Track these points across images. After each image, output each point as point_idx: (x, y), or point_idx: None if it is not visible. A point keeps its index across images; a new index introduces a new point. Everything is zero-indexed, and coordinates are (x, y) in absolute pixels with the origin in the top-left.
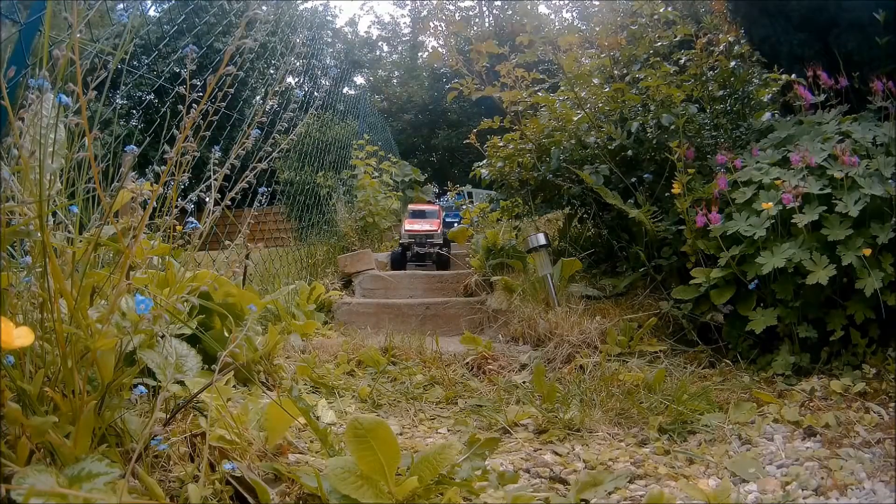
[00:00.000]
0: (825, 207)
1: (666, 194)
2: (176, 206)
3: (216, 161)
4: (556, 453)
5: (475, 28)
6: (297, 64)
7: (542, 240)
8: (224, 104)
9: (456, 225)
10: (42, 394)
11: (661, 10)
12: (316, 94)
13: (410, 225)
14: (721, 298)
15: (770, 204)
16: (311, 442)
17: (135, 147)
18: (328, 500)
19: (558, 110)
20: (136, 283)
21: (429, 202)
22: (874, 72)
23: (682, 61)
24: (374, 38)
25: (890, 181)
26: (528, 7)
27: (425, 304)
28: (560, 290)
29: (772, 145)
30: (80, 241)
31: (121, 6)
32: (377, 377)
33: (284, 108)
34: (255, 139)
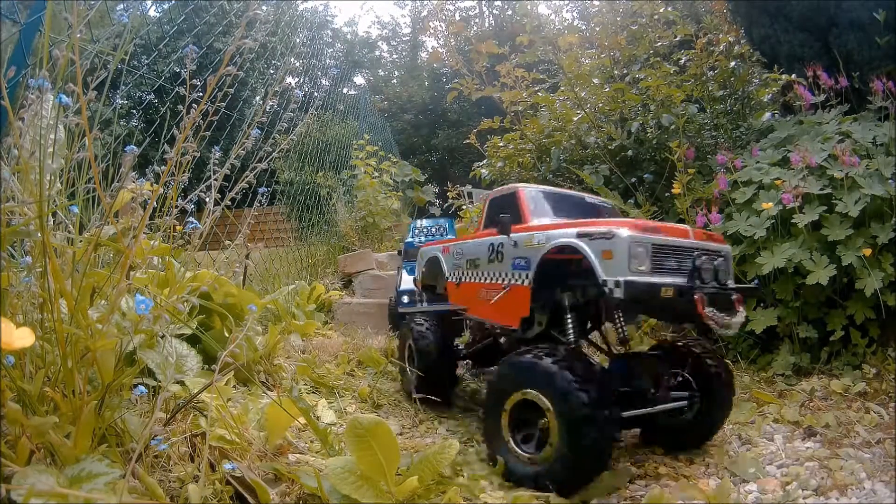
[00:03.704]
0: (825, 207)
1: (666, 194)
2: (176, 206)
3: (216, 161)
4: None
5: (475, 28)
6: (297, 64)
7: None
8: (224, 104)
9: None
10: (42, 394)
11: (662, 10)
12: (316, 94)
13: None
14: None
15: (770, 204)
16: (312, 442)
17: (135, 147)
18: (328, 499)
19: (558, 110)
20: (137, 283)
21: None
22: (874, 72)
23: (682, 61)
24: (374, 38)
25: (890, 181)
26: (528, 7)
27: None
28: None
29: (772, 145)
30: (81, 241)
31: (121, 6)
32: (377, 377)
33: (284, 109)
34: (255, 139)
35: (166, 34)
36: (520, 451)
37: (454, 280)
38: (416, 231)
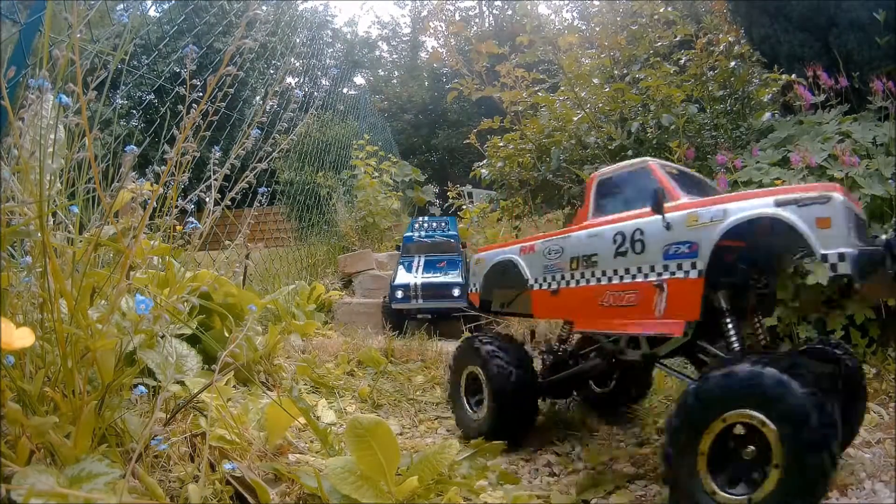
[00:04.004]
0: None
1: None
2: (176, 206)
3: (216, 161)
4: (556, 453)
5: (475, 28)
6: (297, 64)
7: None
8: (224, 104)
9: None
10: (42, 394)
11: (662, 10)
12: (316, 94)
13: None
14: None
15: None
16: (312, 442)
17: (135, 147)
18: (328, 499)
19: (558, 110)
20: (137, 283)
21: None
22: (874, 72)
23: (682, 61)
24: (374, 38)
25: (890, 181)
26: (528, 7)
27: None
28: None
29: (772, 145)
30: (81, 241)
31: (121, 6)
32: (377, 377)
33: (284, 109)
34: (255, 139)
35: (166, 34)
36: (727, 496)
37: (548, 287)
38: (417, 226)
